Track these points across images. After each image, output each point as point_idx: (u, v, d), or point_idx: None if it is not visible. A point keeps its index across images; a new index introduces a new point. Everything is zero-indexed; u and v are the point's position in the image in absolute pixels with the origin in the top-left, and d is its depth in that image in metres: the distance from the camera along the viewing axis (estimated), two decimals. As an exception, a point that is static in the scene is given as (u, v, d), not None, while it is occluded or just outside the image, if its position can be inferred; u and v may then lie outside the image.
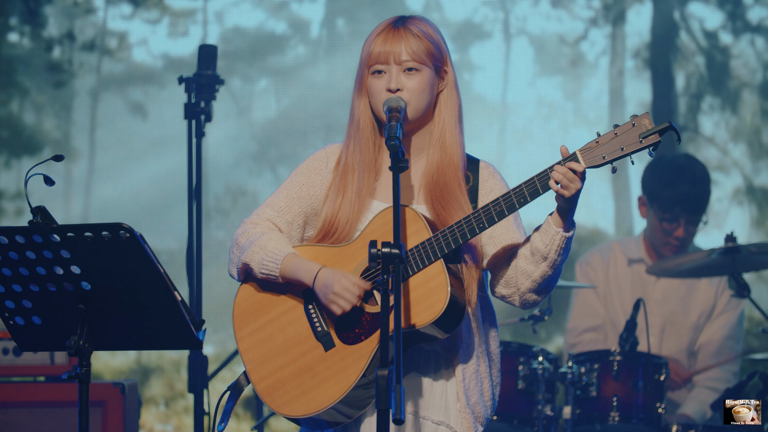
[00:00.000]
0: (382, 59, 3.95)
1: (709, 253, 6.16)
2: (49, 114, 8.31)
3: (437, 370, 3.98)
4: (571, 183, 3.76)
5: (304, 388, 3.95)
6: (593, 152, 3.78)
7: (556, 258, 3.86)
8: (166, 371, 8.33)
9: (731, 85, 8.47)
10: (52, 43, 8.30)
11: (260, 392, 4.03)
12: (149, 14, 8.40)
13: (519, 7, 8.47)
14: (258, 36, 8.40)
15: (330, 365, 3.93)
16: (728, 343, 6.84)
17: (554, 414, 5.96)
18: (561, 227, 3.84)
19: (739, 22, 8.46)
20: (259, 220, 4.08)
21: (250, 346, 4.05)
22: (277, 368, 4.00)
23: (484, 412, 4.02)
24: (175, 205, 7.98)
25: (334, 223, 4.00)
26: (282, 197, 4.09)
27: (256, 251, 3.99)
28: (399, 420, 3.47)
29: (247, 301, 4.08)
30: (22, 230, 3.62)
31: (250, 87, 8.39)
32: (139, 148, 8.25)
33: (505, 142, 8.50)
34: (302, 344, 3.99)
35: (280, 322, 4.03)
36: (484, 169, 4.06)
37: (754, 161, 8.38)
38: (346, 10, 8.32)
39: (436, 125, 4.03)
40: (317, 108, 8.14)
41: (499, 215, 3.83)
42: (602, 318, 6.89)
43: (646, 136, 3.75)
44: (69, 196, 8.18)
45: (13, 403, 5.43)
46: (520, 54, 8.48)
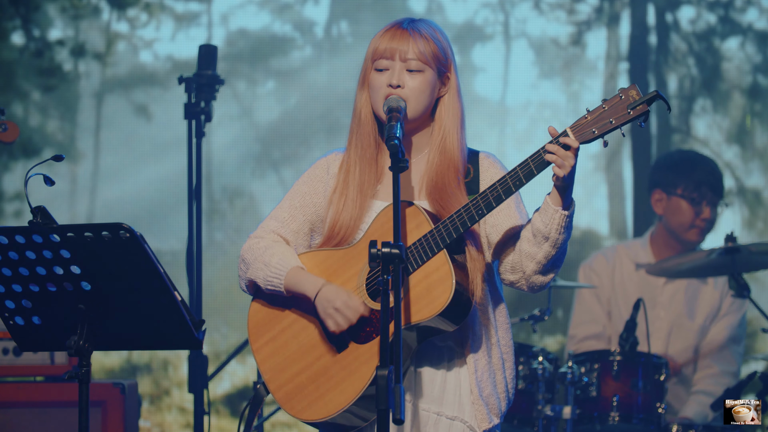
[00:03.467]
0: (388, 54, 3.95)
1: (709, 253, 6.14)
2: (53, 116, 8.34)
3: (450, 365, 3.98)
4: (565, 160, 3.75)
5: (321, 392, 3.96)
6: (584, 128, 3.76)
7: (557, 237, 3.83)
8: (155, 369, 8.35)
9: (722, 87, 8.49)
10: (57, 46, 8.32)
11: (280, 400, 4.05)
12: (154, 16, 8.42)
13: (519, 9, 8.49)
14: (261, 38, 8.42)
15: (344, 366, 3.94)
16: (730, 345, 6.84)
17: (554, 414, 5.94)
18: (559, 206, 3.82)
19: (729, 24, 8.48)
20: (263, 234, 4.10)
21: (267, 356, 4.08)
22: (293, 375, 4.02)
23: (498, 403, 4.02)
24: (178, 206, 8.00)
25: (337, 224, 4.02)
26: (285, 208, 4.12)
27: (261, 268, 4.02)
28: (399, 420, 3.47)
29: (260, 313, 4.11)
30: (22, 230, 3.62)
31: (252, 89, 8.41)
32: (144, 150, 8.27)
33: (505, 144, 8.51)
34: (316, 348, 4.01)
35: (294, 329, 4.05)
36: (483, 159, 4.07)
37: (745, 163, 8.40)
38: (349, 13, 8.34)
39: (437, 129, 4.03)
40: (320, 110, 8.15)
41: (496, 200, 3.82)
42: (603, 325, 6.88)
43: (634, 107, 3.71)
44: (74, 197, 8.20)
45: (13, 403, 5.40)
46: (520, 56, 8.49)
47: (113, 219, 7.98)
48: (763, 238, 8.49)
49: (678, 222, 6.87)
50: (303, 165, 7.75)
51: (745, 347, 6.97)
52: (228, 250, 8.10)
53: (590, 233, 8.53)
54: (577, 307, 6.94)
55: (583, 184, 8.56)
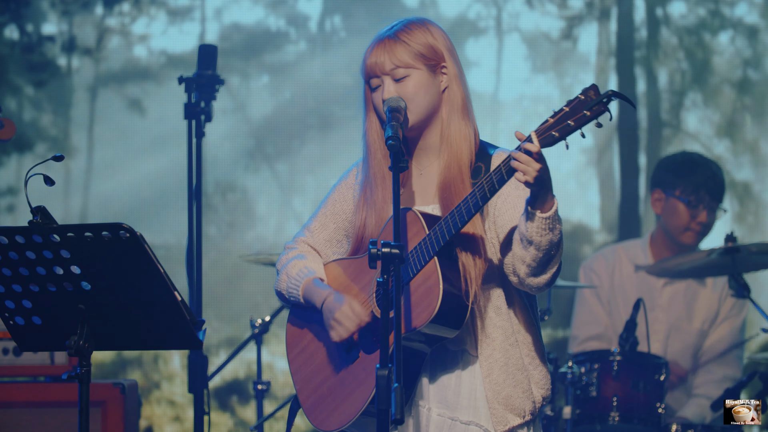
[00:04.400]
0: (374, 73, 3.99)
1: (709, 252, 6.12)
2: (46, 111, 8.32)
3: (465, 369, 3.96)
4: (528, 166, 3.66)
5: (337, 402, 4.00)
6: (546, 131, 3.67)
7: (539, 240, 3.76)
8: (145, 363, 8.36)
9: (713, 81, 8.51)
10: (49, 41, 8.29)
11: (306, 412, 4.12)
12: (147, 11, 8.40)
13: (511, 3, 8.49)
14: (254, 33, 8.41)
15: (356, 376, 3.97)
16: (731, 351, 6.83)
17: (554, 414, 5.94)
18: (539, 209, 3.75)
19: (719, 18, 8.50)
20: (295, 244, 4.20)
21: (298, 367, 4.16)
22: (317, 386, 4.08)
23: (522, 403, 3.97)
24: (173, 201, 8.00)
25: (360, 235, 4.06)
26: (318, 217, 4.19)
27: (284, 279, 4.12)
28: (399, 420, 3.47)
29: (296, 324, 4.19)
30: (22, 230, 3.61)
31: (246, 83, 8.41)
32: (138, 145, 8.26)
33: (498, 139, 8.51)
34: (335, 360, 4.05)
35: (320, 341, 4.10)
36: (495, 158, 3.99)
37: (736, 156, 8.42)
38: (343, 7, 8.33)
39: (443, 123, 4.01)
40: (313, 104, 8.15)
41: (475, 206, 3.77)
42: (605, 326, 6.88)
43: (590, 108, 3.61)
44: (68, 193, 8.19)
45: (13, 403, 5.39)
46: (513, 50, 8.50)
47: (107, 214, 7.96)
48: (753, 232, 8.51)
49: (674, 224, 6.87)
50: (297, 159, 7.75)
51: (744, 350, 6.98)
52: (220, 244, 8.10)
53: (581, 227, 8.55)
54: (578, 308, 6.94)
55: (576, 178, 8.58)
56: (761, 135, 8.51)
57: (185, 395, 8.19)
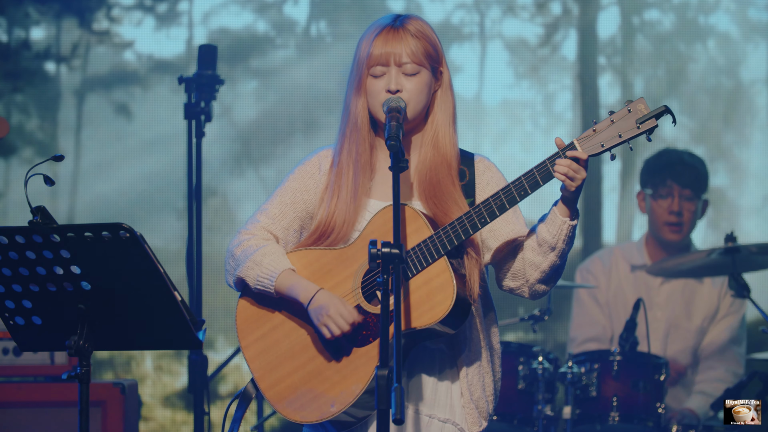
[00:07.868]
0: (383, 60, 3.96)
1: (708, 252, 6.14)
2: (33, 115, 8.30)
3: (442, 368, 3.99)
4: (577, 174, 3.76)
5: (315, 394, 3.95)
6: (591, 140, 3.76)
7: (564, 247, 3.85)
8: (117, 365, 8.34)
9: (688, 89, 8.56)
10: (37, 45, 8.28)
11: (270, 400, 4.03)
12: (136, 15, 8.40)
13: (494, 10, 8.53)
14: (240, 38, 8.41)
15: (339, 369, 3.93)
16: (731, 347, 6.85)
17: (554, 414, 5.94)
18: (567, 216, 3.83)
19: (694, 27, 8.56)
20: (254, 230, 4.07)
21: (256, 354, 4.05)
22: (285, 375, 4.00)
23: (487, 406, 4.03)
24: (161, 204, 7.99)
25: (330, 224, 4.00)
26: (276, 204, 4.09)
27: (252, 267, 4.00)
28: (399, 420, 3.47)
29: (249, 310, 4.08)
30: (22, 230, 3.61)
31: (232, 88, 8.41)
32: (125, 149, 8.25)
33: (482, 144, 8.55)
34: (309, 350, 4.00)
35: (284, 328, 4.03)
36: (479, 162, 4.05)
37: (711, 162, 8.49)
38: (328, 13, 8.34)
39: (430, 124, 4.02)
40: (299, 109, 8.16)
41: (500, 209, 3.83)
42: (603, 326, 6.89)
43: (643, 121, 3.70)
44: (55, 196, 8.17)
45: (13, 403, 5.39)
46: (495, 56, 8.53)
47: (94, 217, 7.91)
48: (726, 236, 8.56)
49: (653, 221, 6.91)
50: (282, 164, 7.75)
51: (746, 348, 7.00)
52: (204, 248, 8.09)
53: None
54: (576, 309, 6.94)
55: (551, 183, 8.60)
56: (735, 142, 8.57)
57: (155, 396, 8.17)
